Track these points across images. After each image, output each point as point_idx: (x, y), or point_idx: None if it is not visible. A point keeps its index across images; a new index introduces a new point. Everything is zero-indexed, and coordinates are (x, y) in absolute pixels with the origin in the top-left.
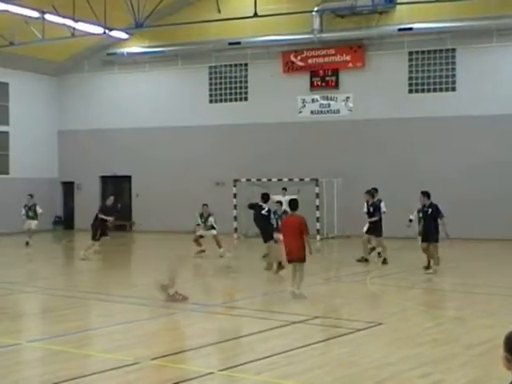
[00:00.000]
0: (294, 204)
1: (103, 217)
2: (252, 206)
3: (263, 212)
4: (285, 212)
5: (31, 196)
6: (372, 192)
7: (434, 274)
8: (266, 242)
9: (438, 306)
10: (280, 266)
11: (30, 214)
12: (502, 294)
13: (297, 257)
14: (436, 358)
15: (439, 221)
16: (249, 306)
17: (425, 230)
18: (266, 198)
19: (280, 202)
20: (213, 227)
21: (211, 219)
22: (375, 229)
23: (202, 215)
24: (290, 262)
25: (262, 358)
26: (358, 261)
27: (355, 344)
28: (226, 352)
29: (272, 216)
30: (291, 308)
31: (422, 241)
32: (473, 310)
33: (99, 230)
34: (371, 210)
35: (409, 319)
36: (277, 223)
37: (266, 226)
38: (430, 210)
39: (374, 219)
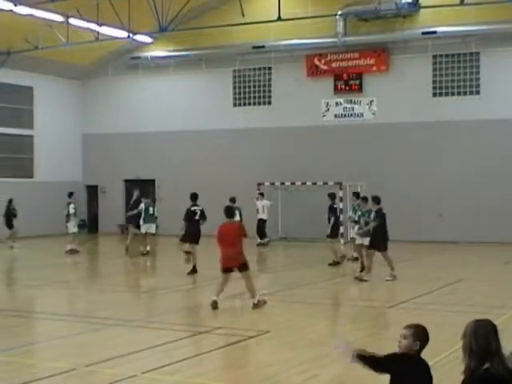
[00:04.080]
0: (229, 212)
1: (129, 213)
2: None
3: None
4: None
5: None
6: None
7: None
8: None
9: (313, 316)
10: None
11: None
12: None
13: (236, 263)
14: (312, 357)
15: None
16: (165, 320)
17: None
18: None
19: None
20: None
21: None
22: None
23: None
24: (226, 270)
25: (175, 362)
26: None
27: (248, 349)
28: (146, 358)
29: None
30: (199, 320)
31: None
32: (339, 318)
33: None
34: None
35: (290, 327)
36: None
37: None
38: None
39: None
